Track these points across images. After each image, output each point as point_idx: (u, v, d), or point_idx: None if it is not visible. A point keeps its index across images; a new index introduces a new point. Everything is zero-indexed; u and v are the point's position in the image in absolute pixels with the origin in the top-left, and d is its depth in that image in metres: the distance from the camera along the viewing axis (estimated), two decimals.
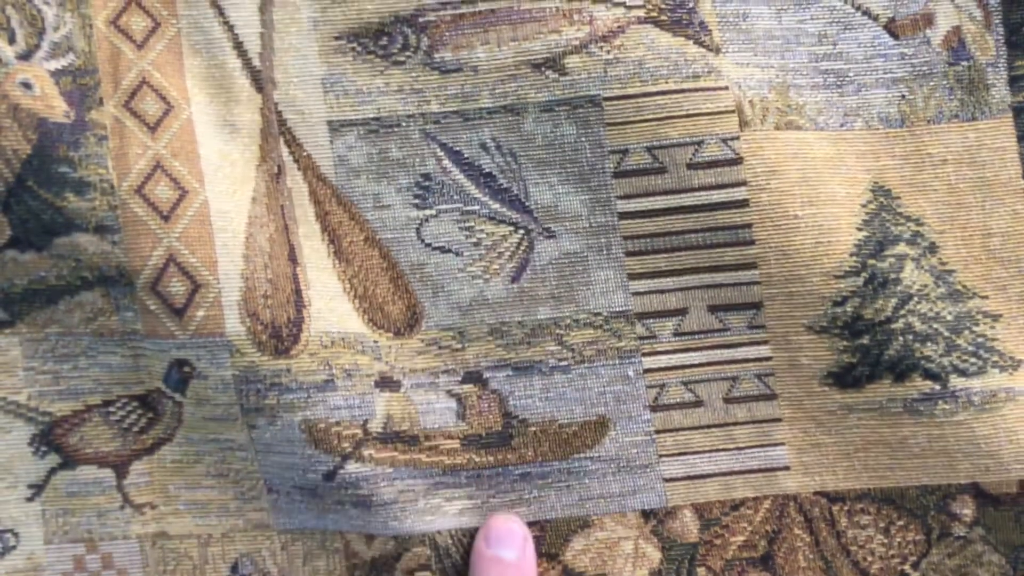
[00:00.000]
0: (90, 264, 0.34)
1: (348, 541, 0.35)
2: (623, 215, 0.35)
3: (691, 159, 0.34)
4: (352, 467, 0.35)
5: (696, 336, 0.35)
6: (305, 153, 0.35)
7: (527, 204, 0.35)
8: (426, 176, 0.35)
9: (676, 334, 0.35)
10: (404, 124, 0.35)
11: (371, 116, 0.35)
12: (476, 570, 0.34)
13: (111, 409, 0.35)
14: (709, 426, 0.35)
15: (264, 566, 0.36)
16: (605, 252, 0.35)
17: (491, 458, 0.35)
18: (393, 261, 0.35)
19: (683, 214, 0.34)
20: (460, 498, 0.35)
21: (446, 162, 0.35)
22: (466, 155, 0.35)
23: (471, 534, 0.35)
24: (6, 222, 0.34)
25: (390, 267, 0.35)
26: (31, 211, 0.34)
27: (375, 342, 0.35)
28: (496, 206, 0.35)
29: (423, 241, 0.35)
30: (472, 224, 0.35)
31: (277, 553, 0.36)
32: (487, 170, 0.35)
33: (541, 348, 0.35)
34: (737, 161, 0.33)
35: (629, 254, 0.35)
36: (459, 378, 0.35)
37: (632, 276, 0.35)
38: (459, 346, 0.35)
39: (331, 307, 0.35)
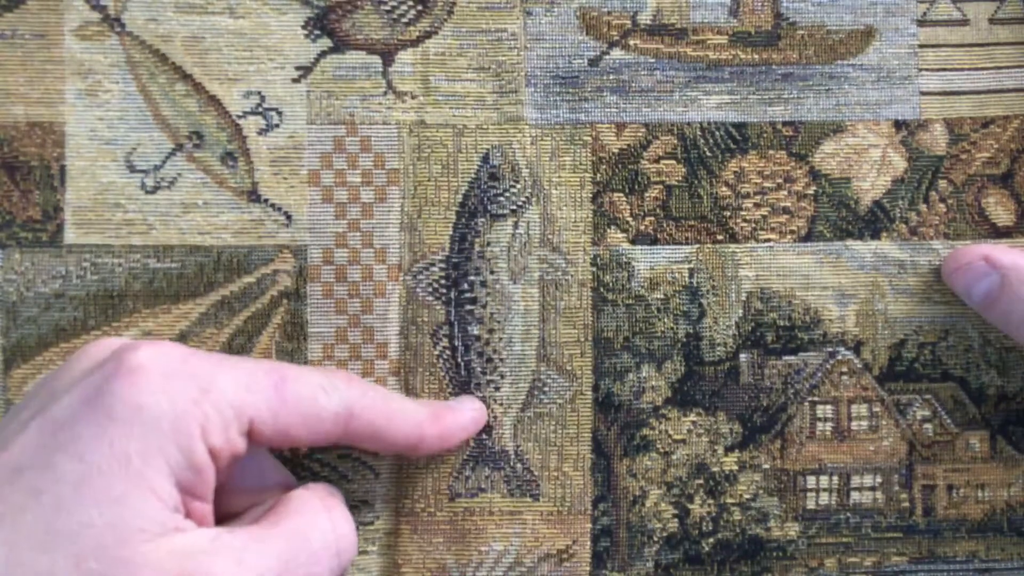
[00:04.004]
0: None
1: (598, 133, 0.37)
2: None
3: None
4: (617, 54, 0.37)
5: None
6: None
7: None
8: None
9: None
10: None
11: None
12: None
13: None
14: (972, 44, 0.37)
15: (514, 158, 0.37)
16: None
17: (756, 56, 0.37)
18: None
19: None
20: (719, 93, 0.37)
21: None
22: None
23: (726, 128, 0.37)
24: None
25: None
26: None
27: None
28: None
29: None
30: None
31: (527, 147, 0.37)
32: None
33: None
34: None
35: None
36: None
37: None
38: None
39: None
